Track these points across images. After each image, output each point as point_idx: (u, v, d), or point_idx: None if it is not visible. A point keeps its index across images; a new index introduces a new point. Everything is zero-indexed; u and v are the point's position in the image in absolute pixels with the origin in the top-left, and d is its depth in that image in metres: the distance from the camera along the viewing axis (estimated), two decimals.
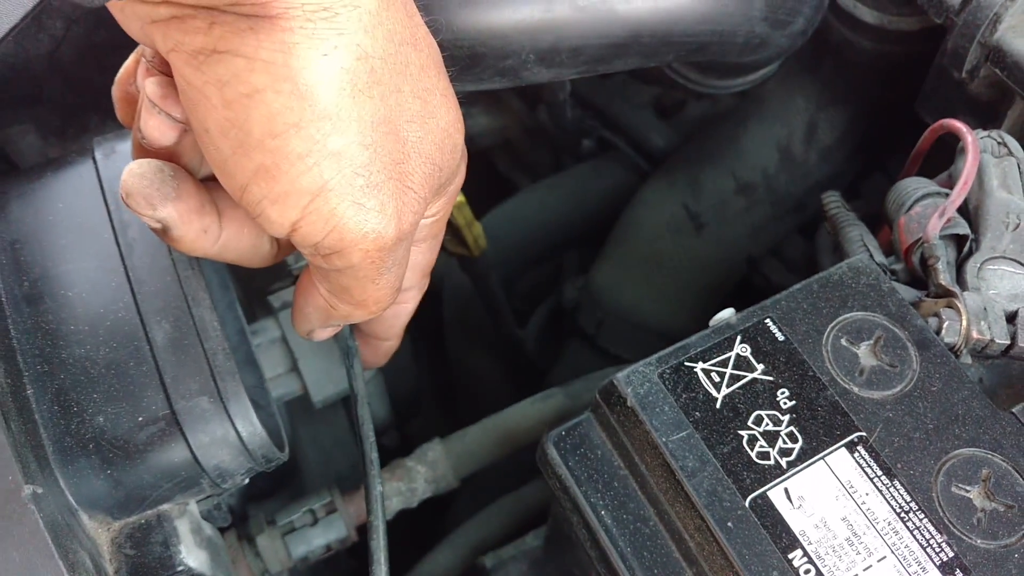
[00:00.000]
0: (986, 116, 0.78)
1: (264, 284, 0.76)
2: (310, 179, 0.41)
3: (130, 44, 0.46)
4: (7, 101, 0.67)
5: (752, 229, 1.02)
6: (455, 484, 0.78)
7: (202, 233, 0.47)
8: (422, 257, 0.55)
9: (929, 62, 0.82)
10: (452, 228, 0.93)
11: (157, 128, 0.46)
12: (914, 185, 0.65)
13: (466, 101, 0.52)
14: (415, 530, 0.95)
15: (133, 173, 0.45)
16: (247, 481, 0.55)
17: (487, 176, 1.34)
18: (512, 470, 0.85)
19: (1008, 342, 0.58)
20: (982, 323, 0.58)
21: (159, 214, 0.45)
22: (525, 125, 1.25)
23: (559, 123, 1.12)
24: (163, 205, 0.45)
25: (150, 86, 0.45)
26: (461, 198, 0.87)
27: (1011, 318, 0.59)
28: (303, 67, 0.39)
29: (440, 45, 0.49)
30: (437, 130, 0.45)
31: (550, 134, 1.20)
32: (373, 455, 0.57)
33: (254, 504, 0.82)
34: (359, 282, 0.46)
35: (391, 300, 0.49)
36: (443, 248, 0.94)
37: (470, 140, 1.23)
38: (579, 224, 1.18)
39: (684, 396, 0.54)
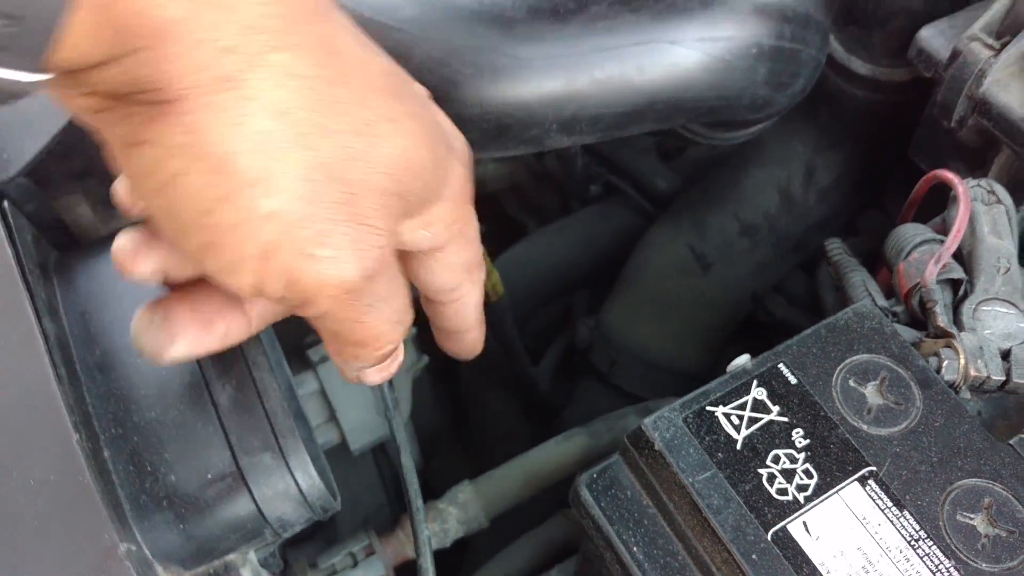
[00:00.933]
0: (975, 161, 0.84)
1: (299, 339, 0.81)
2: (253, 245, 0.41)
3: None
4: (64, 175, 0.71)
5: (756, 268, 1.07)
6: (486, 524, 0.82)
7: (223, 336, 0.51)
8: (455, 257, 0.54)
9: (919, 110, 0.87)
10: None
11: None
12: (911, 232, 0.70)
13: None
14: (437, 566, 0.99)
15: (135, 329, 0.49)
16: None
17: (496, 219, 1.39)
18: (526, 506, 0.88)
19: (1004, 378, 0.62)
20: (979, 361, 0.62)
21: (175, 355, 0.49)
22: (533, 170, 1.30)
23: (567, 169, 1.17)
24: (172, 348, 0.48)
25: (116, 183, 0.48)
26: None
27: (1005, 355, 0.63)
28: (215, 142, 0.39)
29: (468, 118, 0.54)
30: (388, 158, 0.44)
31: (558, 179, 1.25)
32: (419, 502, 0.61)
33: (292, 548, 0.85)
34: (344, 325, 0.47)
35: (394, 333, 0.50)
36: None
37: (480, 185, 1.29)
38: (588, 266, 1.23)
39: (707, 439, 0.58)
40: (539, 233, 1.25)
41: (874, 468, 0.57)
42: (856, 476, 0.57)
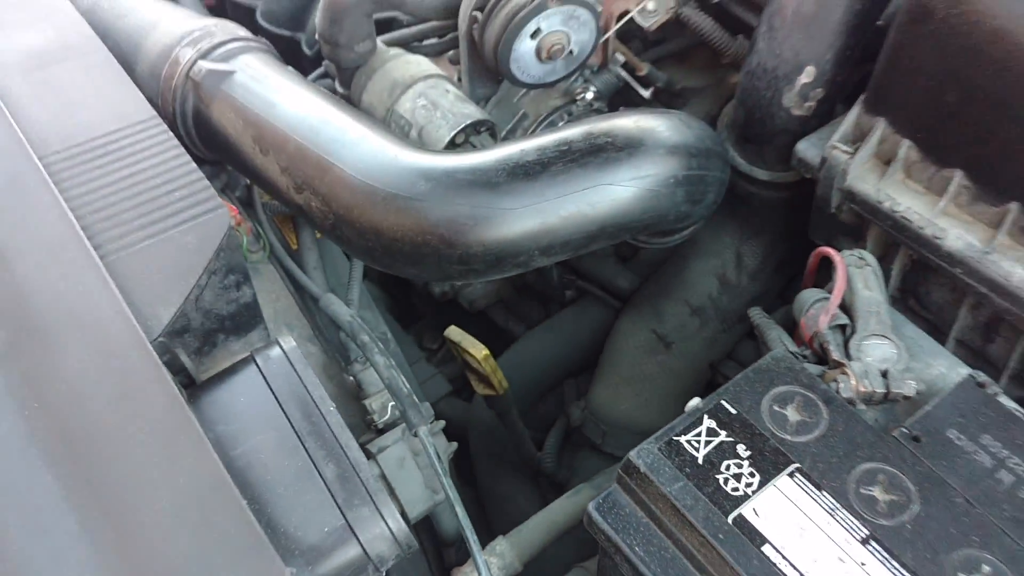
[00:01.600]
0: (856, 235, 1.09)
1: (358, 436, 1.03)
2: None
3: None
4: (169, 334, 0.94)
5: (708, 342, 1.31)
6: (520, 569, 1.02)
7: None
8: None
9: (811, 200, 1.13)
10: (480, 375, 1.20)
11: None
12: (808, 295, 0.95)
13: None
14: None
15: None
16: None
17: (488, 331, 1.62)
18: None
19: (885, 391, 0.85)
20: (865, 381, 0.86)
21: None
22: (515, 285, 1.54)
23: (545, 280, 1.42)
24: None
25: None
26: (486, 351, 1.15)
27: (884, 374, 0.86)
28: None
29: (473, 255, 0.77)
30: None
31: (537, 290, 1.50)
32: (477, 547, 0.82)
33: None
34: None
35: None
36: (473, 390, 1.21)
37: (471, 304, 1.52)
38: (573, 358, 1.46)
39: (676, 459, 0.80)
40: (528, 336, 1.48)
41: (798, 464, 0.80)
42: (786, 471, 0.79)
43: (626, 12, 1.18)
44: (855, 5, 1.02)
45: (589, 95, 1.29)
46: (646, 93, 1.32)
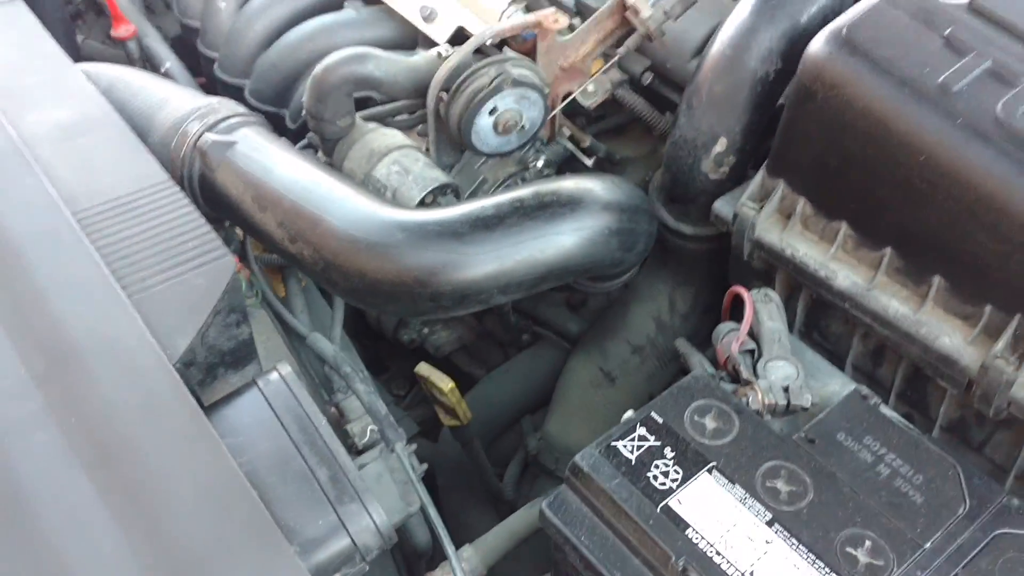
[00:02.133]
0: (767, 278, 1.28)
1: None
2: None
3: None
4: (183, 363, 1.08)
5: (648, 377, 1.48)
6: (484, 572, 1.16)
7: None
8: None
9: (727, 253, 1.32)
10: (446, 407, 1.35)
11: None
12: (723, 327, 1.13)
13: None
14: None
15: None
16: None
17: (453, 375, 1.77)
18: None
19: (786, 403, 1.03)
20: (770, 395, 1.03)
21: None
22: (477, 331, 1.71)
23: (504, 326, 1.59)
24: None
25: None
26: (452, 383, 1.31)
27: (786, 390, 1.04)
28: None
29: (442, 294, 0.94)
30: None
31: (497, 335, 1.66)
32: (451, 546, 0.96)
33: None
34: None
35: None
36: (440, 421, 1.36)
37: (436, 350, 1.68)
38: (530, 396, 1.62)
39: (614, 460, 0.97)
40: (489, 377, 1.64)
41: (715, 463, 0.96)
42: (704, 469, 0.96)
43: (570, 93, 1.38)
44: (757, 87, 1.23)
45: (540, 163, 1.48)
46: (589, 162, 1.51)
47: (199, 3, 1.84)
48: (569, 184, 1.16)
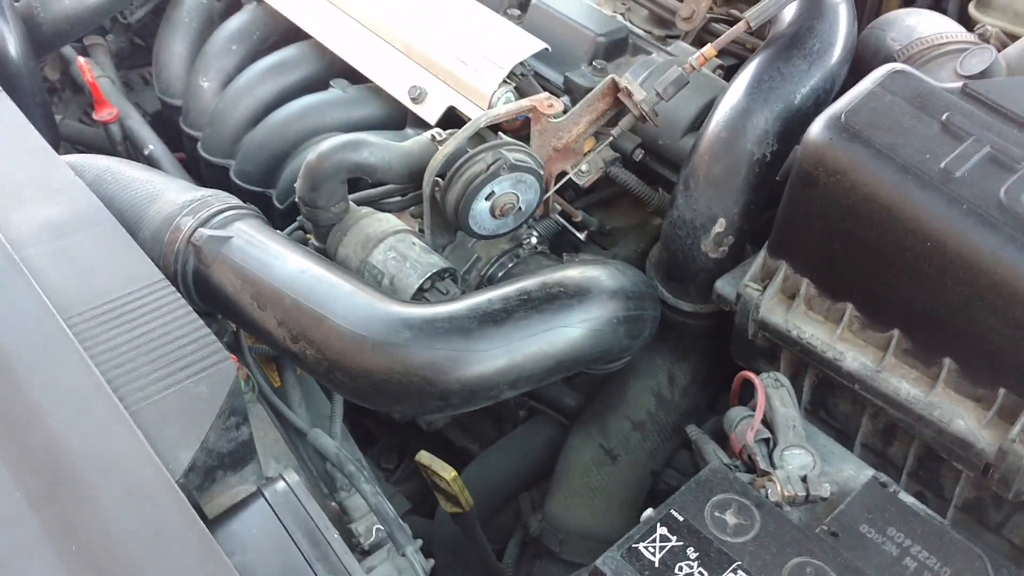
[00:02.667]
0: (771, 356, 1.28)
1: None
2: None
3: None
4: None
5: (650, 453, 1.46)
6: None
7: None
8: None
9: (730, 327, 1.31)
10: (448, 494, 1.32)
11: None
12: (735, 413, 1.12)
13: None
14: None
15: None
16: None
17: (445, 449, 1.74)
18: None
19: (805, 494, 1.02)
20: (789, 486, 1.02)
21: None
22: None
23: (500, 401, 1.56)
24: None
25: None
26: (454, 473, 1.28)
27: (804, 479, 1.03)
28: None
29: (451, 392, 0.92)
30: None
31: (492, 410, 1.64)
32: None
33: None
34: None
35: None
36: (441, 507, 1.33)
37: (428, 424, 1.65)
38: (527, 472, 1.59)
39: (637, 564, 0.95)
40: (486, 453, 1.61)
41: (740, 563, 0.95)
42: (730, 569, 0.94)
43: (564, 173, 1.38)
44: (754, 168, 1.24)
45: (533, 240, 1.47)
46: (581, 236, 1.50)
47: (180, 82, 1.81)
48: (575, 274, 1.14)
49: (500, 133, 1.37)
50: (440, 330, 1.05)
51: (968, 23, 1.56)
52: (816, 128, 1.10)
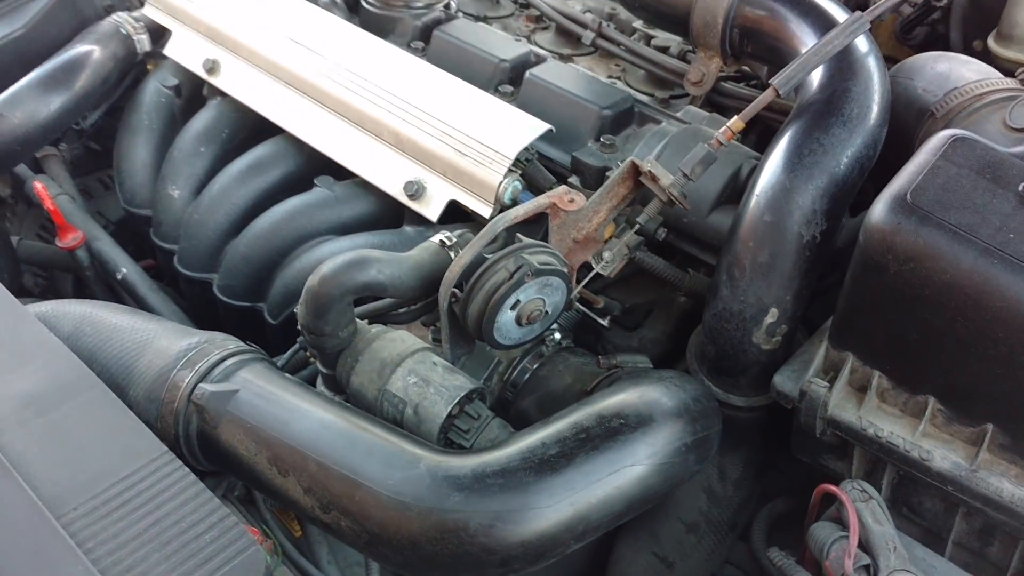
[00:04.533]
0: (840, 453, 1.17)
1: None
2: None
3: None
4: None
5: (707, 554, 1.34)
6: None
7: None
8: None
9: (780, 416, 1.20)
10: None
11: None
12: (823, 534, 1.00)
13: None
14: None
15: None
16: None
17: None
18: None
19: None
20: None
21: None
22: None
23: None
24: None
25: None
26: None
27: None
28: None
29: (514, 545, 0.79)
30: None
31: None
32: None
33: None
34: None
35: None
36: None
37: None
38: None
39: None
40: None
41: None
42: None
43: (588, 267, 1.26)
44: (804, 252, 1.13)
45: (557, 335, 1.35)
46: (605, 322, 1.39)
47: (146, 190, 1.67)
48: (633, 399, 1.03)
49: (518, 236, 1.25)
50: (493, 487, 0.92)
51: (984, 56, 1.48)
52: (879, 211, 0.99)
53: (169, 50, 1.74)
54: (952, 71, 1.30)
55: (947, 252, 0.96)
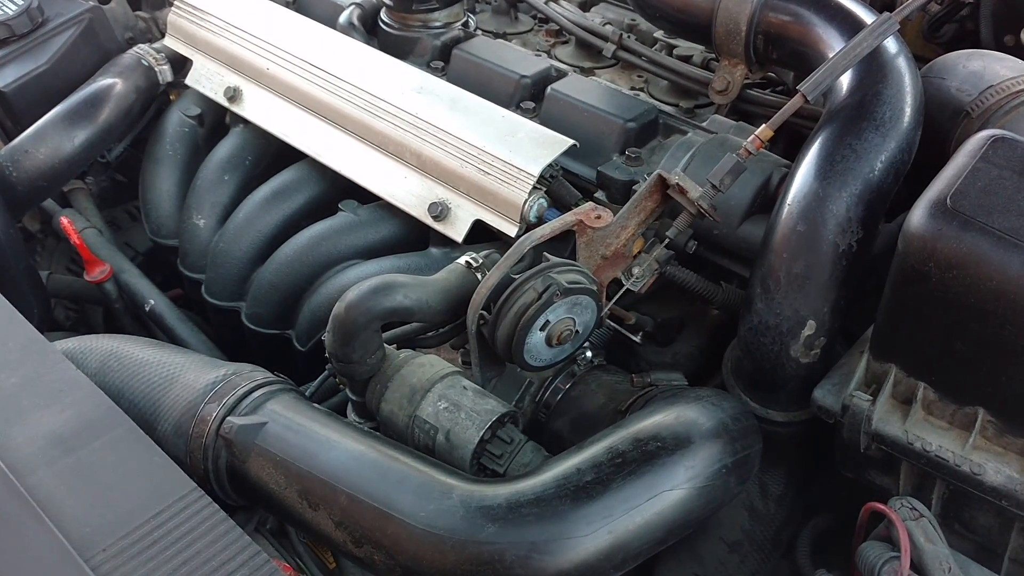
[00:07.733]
0: (886, 467, 1.12)
1: None
2: None
3: None
4: None
5: (751, 575, 1.31)
6: None
7: None
8: None
9: (822, 430, 1.16)
10: None
11: None
12: (873, 553, 0.96)
13: None
14: None
15: None
16: None
17: None
18: None
19: None
20: None
21: None
22: None
23: None
24: None
25: None
26: None
27: None
28: None
29: None
30: None
31: None
32: None
33: None
34: None
35: None
36: None
37: None
38: None
39: None
40: None
41: None
42: None
43: (619, 283, 1.23)
44: (841, 261, 1.10)
45: (588, 354, 1.33)
46: (637, 339, 1.36)
47: (172, 221, 1.67)
48: (669, 421, 1.00)
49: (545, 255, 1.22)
50: (529, 517, 0.89)
51: (1016, 51, 1.44)
52: (919, 217, 0.96)
53: (191, 79, 1.75)
54: (986, 69, 1.26)
55: (992, 257, 0.92)
